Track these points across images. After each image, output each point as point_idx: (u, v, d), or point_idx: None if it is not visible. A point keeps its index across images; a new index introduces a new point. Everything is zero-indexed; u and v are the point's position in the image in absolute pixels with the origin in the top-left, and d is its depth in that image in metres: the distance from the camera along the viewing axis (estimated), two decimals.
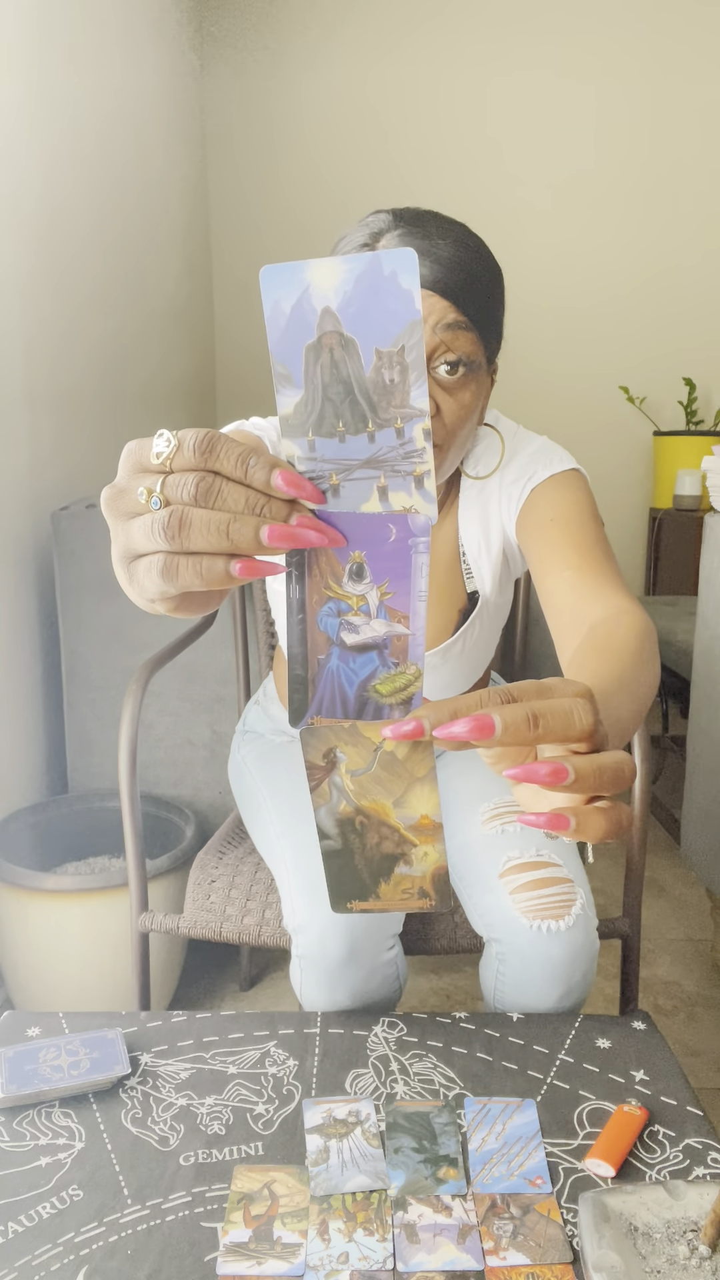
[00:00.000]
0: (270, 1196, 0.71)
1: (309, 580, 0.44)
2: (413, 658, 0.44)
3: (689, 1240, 0.64)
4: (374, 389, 0.42)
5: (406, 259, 0.40)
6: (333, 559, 0.44)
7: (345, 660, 0.45)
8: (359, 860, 0.48)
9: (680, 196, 3.30)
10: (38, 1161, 0.75)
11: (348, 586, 0.44)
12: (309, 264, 0.40)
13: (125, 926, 1.45)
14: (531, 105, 3.25)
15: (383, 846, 0.48)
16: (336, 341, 0.41)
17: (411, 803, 0.47)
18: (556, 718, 0.40)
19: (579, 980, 0.93)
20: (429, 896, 0.49)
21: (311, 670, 0.45)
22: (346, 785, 0.47)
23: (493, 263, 0.90)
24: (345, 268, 0.40)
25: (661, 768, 2.69)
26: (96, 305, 2.07)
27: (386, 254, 0.40)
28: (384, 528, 0.43)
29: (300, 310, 0.41)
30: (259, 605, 1.48)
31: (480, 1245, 0.67)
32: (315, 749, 0.46)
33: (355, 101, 3.25)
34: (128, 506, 0.44)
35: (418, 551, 0.43)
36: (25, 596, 1.68)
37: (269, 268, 0.41)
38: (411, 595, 0.44)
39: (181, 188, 2.89)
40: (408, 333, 0.41)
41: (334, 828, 0.48)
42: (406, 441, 0.42)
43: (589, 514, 0.92)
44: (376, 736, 0.45)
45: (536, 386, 3.36)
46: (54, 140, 1.81)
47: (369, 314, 0.41)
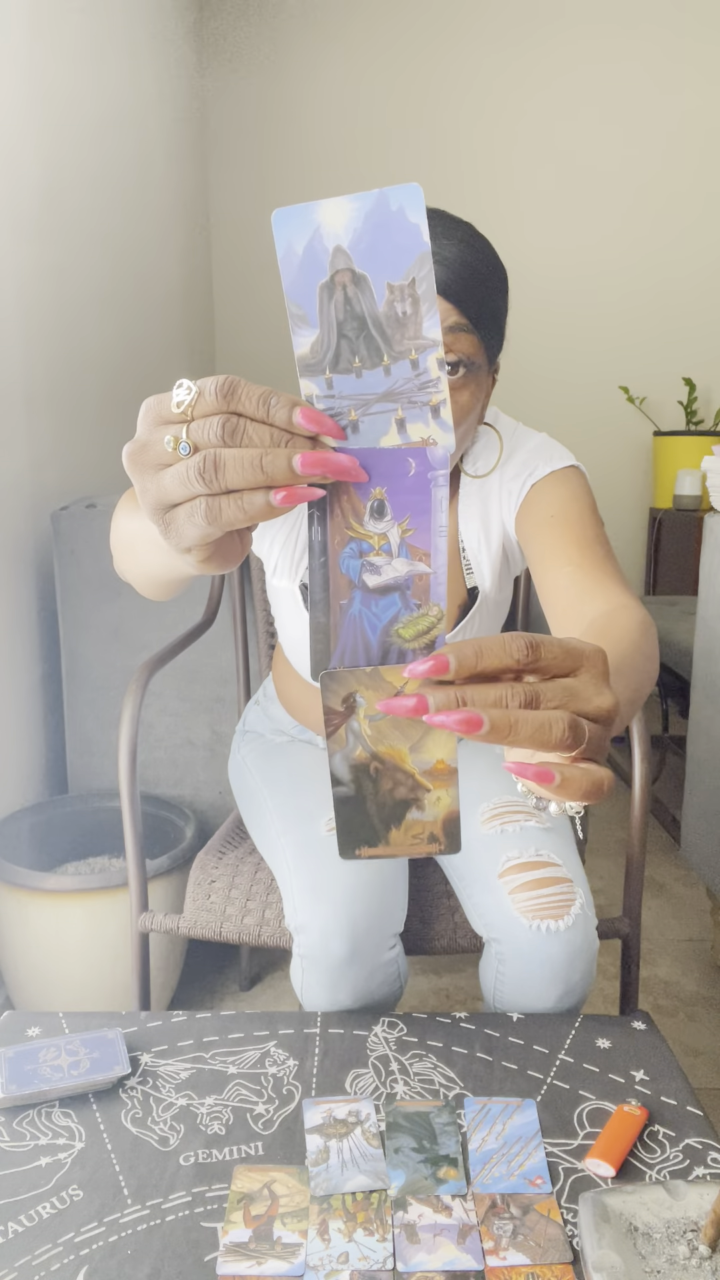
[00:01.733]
0: (270, 1196, 0.71)
1: (331, 521, 0.45)
2: (434, 597, 0.45)
3: (689, 1240, 0.64)
4: (387, 322, 0.43)
5: (413, 194, 0.41)
6: (354, 497, 0.44)
7: (368, 604, 0.45)
8: (371, 806, 0.48)
9: (680, 197, 3.30)
10: (38, 1161, 0.75)
11: (369, 525, 0.45)
12: (319, 204, 0.41)
13: (125, 926, 1.45)
14: (531, 106, 3.25)
15: (396, 793, 0.48)
16: (349, 278, 0.42)
17: (428, 748, 0.46)
18: (537, 728, 0.42)
19: (578, 980, 0.93)
20: (439, 841, 0.48)
21: (334, 617, 0.45)
22: (364, 731, 0.46)
23: (497, 263, 0.90)
24: (354, 206, 0.41)
25: (661, 768, 2.69)
26: (96, 305, 2.07)
27: (393, 190, 0.41)
28: (403, 462, 0.44)
29: (312, 250, 0.42)
30: (259, 605, 1.48)
31: (480, 1245, 0.67)
32: (335, 694, 0.46)
33: (355, 101, 3.25)
34: (154, 458, 0.44)
35: (437, 485, 0.44)
36: (25, 596, 1.68)
37: (281, 210, 0.41)
38: (432, 531, 0.44)
39: (181, 188, 2.89)
40: (417, 265, 0.42)
41: (348, 774, 0.47)
42: (421, 372, 0.43)
43: (589, 510, 0.93)
44: (398, 680, 0.45)
45: (536, 386, 3.36)
46: (54, 140, 1.81)
47: (379, 249, 0.42)
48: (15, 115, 1.64)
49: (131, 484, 0.68)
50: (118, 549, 0.70)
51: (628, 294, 3.36)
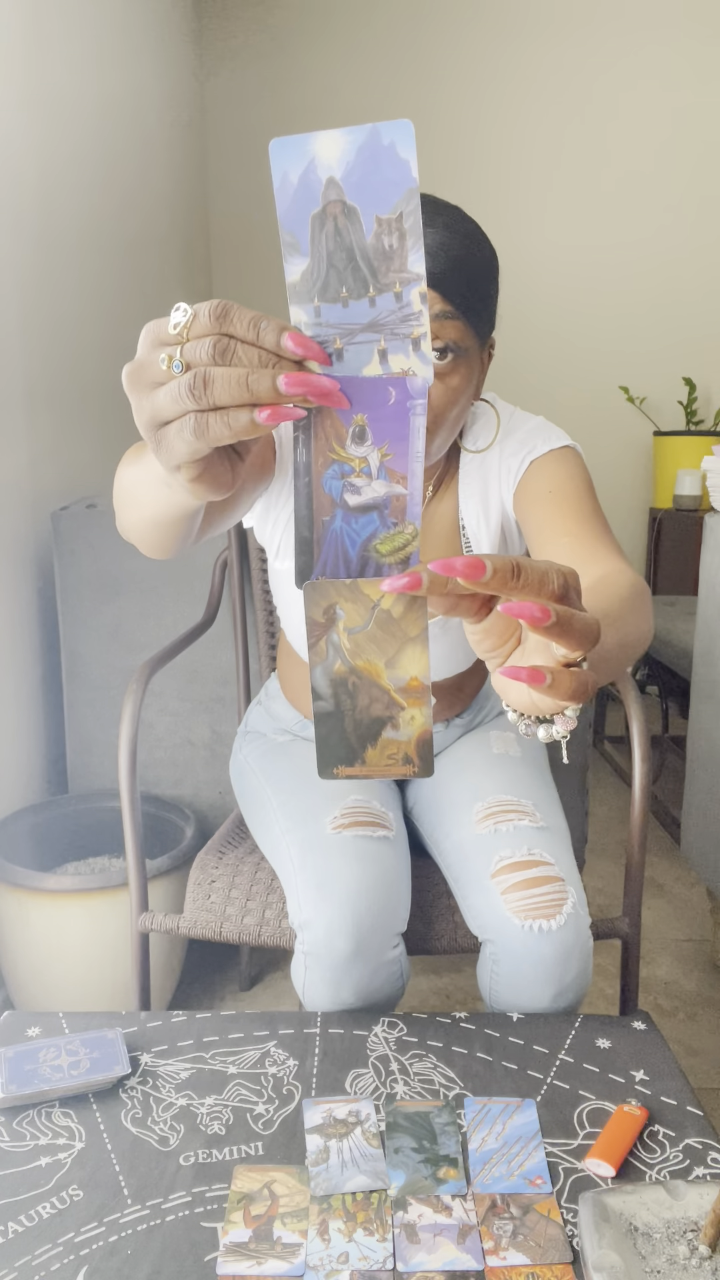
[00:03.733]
0: (270, 1196, 0.71)
1: (314, 444, 0.47)
2: (410, 517, 0.47)
3: (689, 1240, 0.64)
4: (374, 255, 0.44)
5: (403, 130, 0.42)
6: (337, 422, 0.47)
7: (348, 521, 0.48)
8: (349, 723, 0.51)
9: (681, 196, 3.30)
10: (38, 1161, 0.75)
11: (350, 449, 0.47)
12: (315, 136, 0.43)
13: (125, 926, 1.45)
14: (533, 106, 3.25)
15: (372, 709, 0.50)
16: (340, 210, 0.44)
17: (403, 663, 0.49)
18: (535, 573, 0.45)
19: (572, 980, 0.93)
20: (413, 763, 0.51)
21: (317, 532, 0.48)
22: (343, 643, 0.49)
23: (484, 246, 0.89)
24: (348, 139, 0.43)
25: (661, 768, 2.69)
26: (96, 305, 2.07)
27: (385, 125, 0.42)
28: (384, 390, 0.46)
29: (306, 180, 0.43)
30: (259, 605, 1.48)
31: (480, 1245, 0.67)
32: (317, 604, 0.48)
33: (355, 101, 3.25)
34: (150, 377, 0.47)
35: (415, 414, 0.46)
36: (25, 596, 1.68)
37: (278, 140, 0.43)
38: (409, 456, 0.46)
39: (181, 187, 2.89)
40: (405, 200, 0.43)
41: (328, 687, 0.50)
42: (404, 305, 0.45)
43: (585, 487, 0.94)
44: (375, 594, 0.48)
45: (536, 386, 3.36)
46: (54, 140, 1.81)
47: (369, 183, 0.43)
48: (15, 115, 1.64)
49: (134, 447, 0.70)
50: (120, 502, 0.71)
51: (628, 294, 3.36)
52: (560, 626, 0.45)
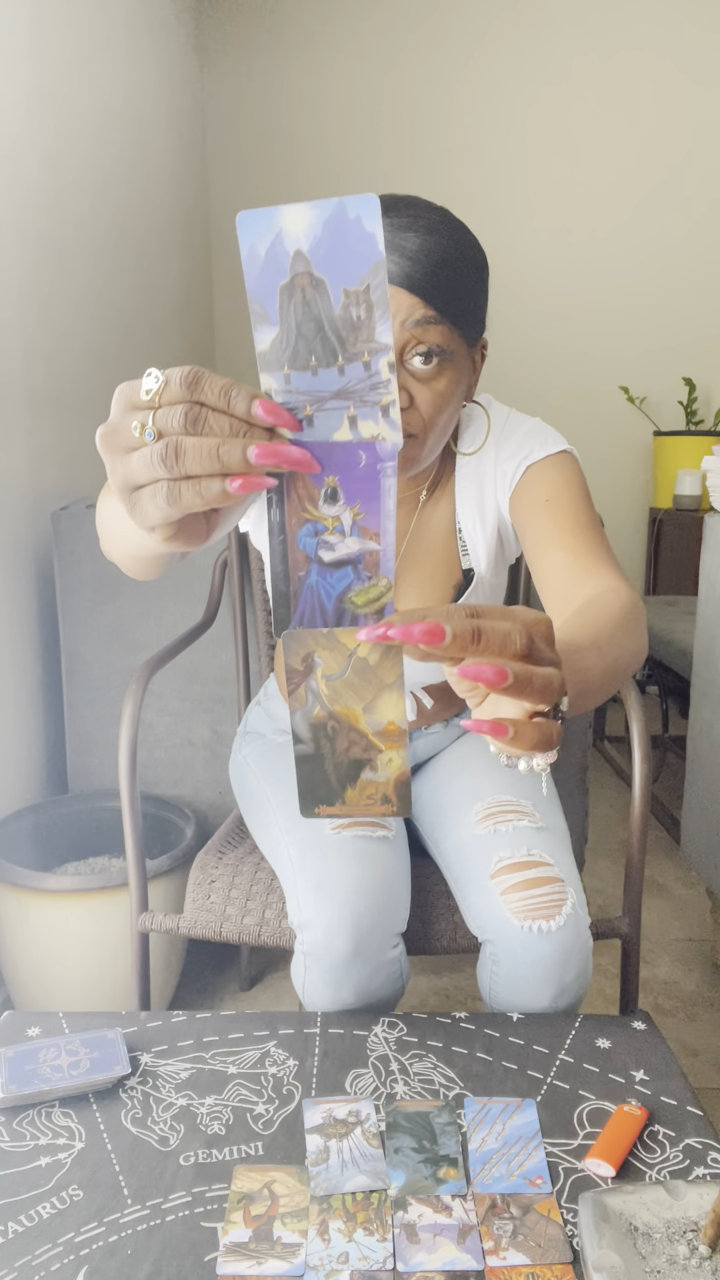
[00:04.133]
0: (270, 1196, 0.71)
1: (288, 504, 0.48)
2: (384, 570, 0.49)
3: (689, 1240, 0.64)
4: (343, 325, 0.45)
5: (369, 204, 0.43)
6: (309, 484, 0.48)
7: (323, 575, 0.49)
8: (329, 765, 0.52)
9: (681, 196, 3.30)
10: (38, 1161, 0.75)
11: (323, 509, 0.48)
12: (281, 209, 0.44)
13: (125, 926, 1.45)
14: (532, 106, 3.25)
15: (351, 752, 0.52)
16: (308, 282, 0.44)
17: (380, 709, 0.50)
18: (497, 635, 0.45)
19: (572, 980, 0.93)
20: (391, 802, 0.52)
21: (293, 586, 0.49)
22: (321, 690, 0.50)
23: (469, 247, 0.88)
24: (314, 213, 0.43)
25: (661, 768, 2.69)
26: (96, 304, 2.07)
27: (351, 199, 0.43)
28: (355, 454, 0.47)
29: (274, 253, 0.44)
30: (259, 605, 1.48)
31: (480, 1245, 0.67)
32: (295, 653, 0.50)
33: (355, 100, 3.25)
34: (123, 442, 0.47)
35: (385, 475, 0.47)
36: (25, 596, 1.68)
37: (245, 213, 0.44)
38: (381, 514, 0.48)
39: (181, 187, 2.89)
40: (372, 273, 0.44)
41: (307, 732, 0.51)
42: (373, 374, 0.46)
43: (582, 495, 0.94)
44: (351, 642, 0.49)
45: (537, 386, 3.36)
46: (54, 140, 1.81)
47: (336, 255, 0.44)
48: (15, 115, 1.64)
49: None
50: (102, 530, 0.72)
51: (628, 294, 3.36)
52: (518, 687, 0.45)
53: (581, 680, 0.57)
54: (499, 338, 1.08)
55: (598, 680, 0.60)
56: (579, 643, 0.61)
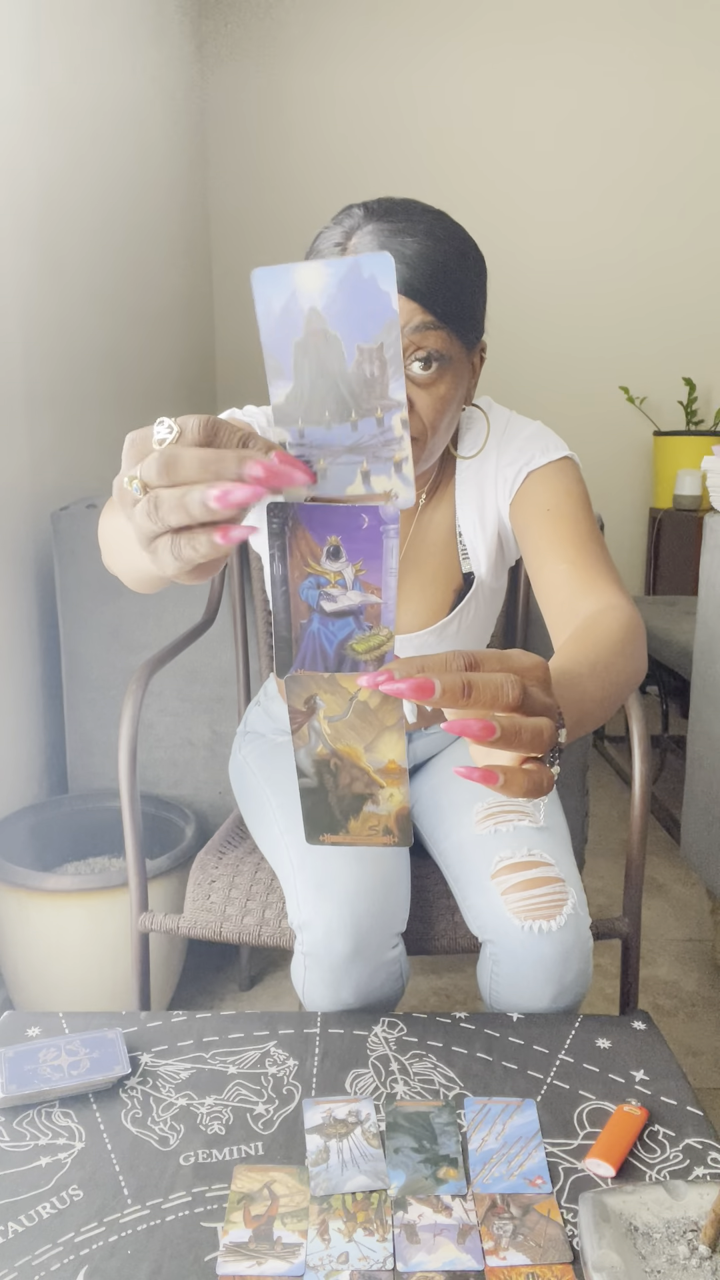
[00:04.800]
0: (270, 1196, 0.71)
1: (290, 560, 0.49)
2: (385, 622, 0.49)
3: (689, 1240, 0.64)
4: (356, 382, 0.46)
5: (384, 263, 0.43)
6: (311, 542, 0.48)
7: (325, 624, 0.50)
8: (332, 798, 0.53)
9: (681, 197, 3.30)
10: (38, 1161, 0.75)
11: (325, 564, 0.49)
12: (296, 267, 0.44)
13: (125, 926, 1.45)
14: (533, 106, 3.25)
15: (353, 787, 0.53)
16: (322, 339, 0.45)
17: (380, 749, 0.51)
18: (488, 689, 0.45)
19: (573, 980, 0.93)
20: (392, 834, 0.54)
21: (295, 632, 0.50)
22: (324, 730, 0.52)
23: (467, 251, 0.88)
24: (329, 271, 0.44)
25: (661, 768, 2.69)
26: (96, 305, 2.07)
27: (366, 258, 0.43)
28: (357, 517, 0.47)
29: (289, 310, 0.45)
30: (259, 605, 1.48)
31: (480, 1245, 0.67)
32: (298, 695, 0.51)
33: (356, 101, 3.25)
34: (123, 496, 0.47)
35: (388, 536, 0.48)
36: (25, 596, 1.68)
37: (260, 270, 0.44)
38: (383, 571, 0.48)
39: (181, 187, 2.89)
40: (386, 331, 0.45)
41: (311, 767, 0.53)
42: (386, 430, 0.46)
43: (583, 504, 0.94)
44: (352, 687, 0.50)
45: (536, 387, 3.36)
46: (54, 140, 1.81)
47: (351, 314, 0.44)
48: (15, 115, 1.64)
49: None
50: (105, 546, 0.72)
51: (628, 294, 3.36)
52: (506, 740, 0.46)
53: (580, 709, 0.58)
54: (499, 338, 1.08)
55: (597, 707, 0.61)
56: (578, 671, 0.61)
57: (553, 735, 0.48)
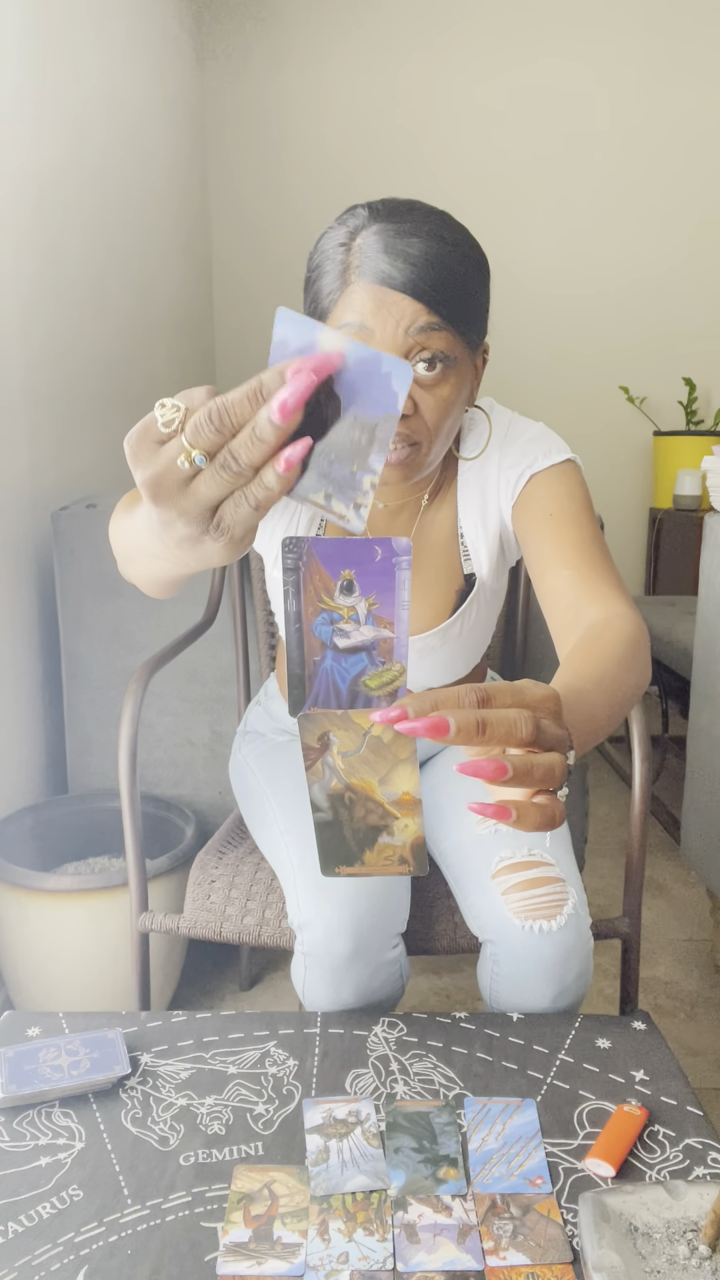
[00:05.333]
0: (270, 1196, 0.71)
1: (304, 596, 0.50)
2: (397, 656, 0.50)
3: (689, 1240, 0.64)
4: (343, 440, 0.48)
5: (403, 371, 0.46)
6: (325, 577, 0.50)
7: (338, 660, 0.51)
8: (347, 831, 0.54)
9: (681, 197, 3.30)
10: (38, 1161, 0.75)
11: (339, 599, 0.50)
12: (323, 328, 0.46)
13: (125, 926, 1.45)
14: (533, 106, 3.25)
15: (369, 819, 0.54)
16: (325, 392, 0.47)
17: (395, 781, 0.52)
18: (501, 725, 0.46)
19: (573, 980, 0.93)
20: (408, 863, 0.55)
21: (308, 669, 0.51)
22: (338, 765, 0.53)
23: (471, 253, 0.88)
24: (352, 348, 0.46)
25: (661, 768, 2.69)
26: (96, 306, 2.07)
27: (389, 359, 0.46)
28: (370, 550, 0.49)
29: (303, 354, 0.47)
30: (259, 605, 1.48)
31: (480, 1245, 0.67)
32: (311, 732, 0.52)
33: (355, 101, 3.25)
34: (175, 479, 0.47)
35: (400, 569, 0.49)
36: (25, 596, 1.68)
37: (287, 311, 0.46)
38: (395, 605, 0.50)
39: (181, 188, 2.89)
40: (384, 420, 0.47)
41: (325, 801, 0.54)
42: (356, 482, 0.49)
43: (585, 509, 0.94)
44: (365, 722, 0.51)
45: (537, 387, 3.36)
46: (54, 140, 1.81)
47: (358, 390, 0.47)
48: (16, 116, 1.64)
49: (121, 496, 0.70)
50: (120, 555, 0.71)
51: (628, 294, 3.36)
52: (518, 779, 0.46)
53: (589, 726, 0.58)
54: (500, 339, 1.08)
55: (604, 722, 0.61)
56: (584, 687, 0.62)
57: (564, 771, 0.48)
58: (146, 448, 0.47)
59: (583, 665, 0.67)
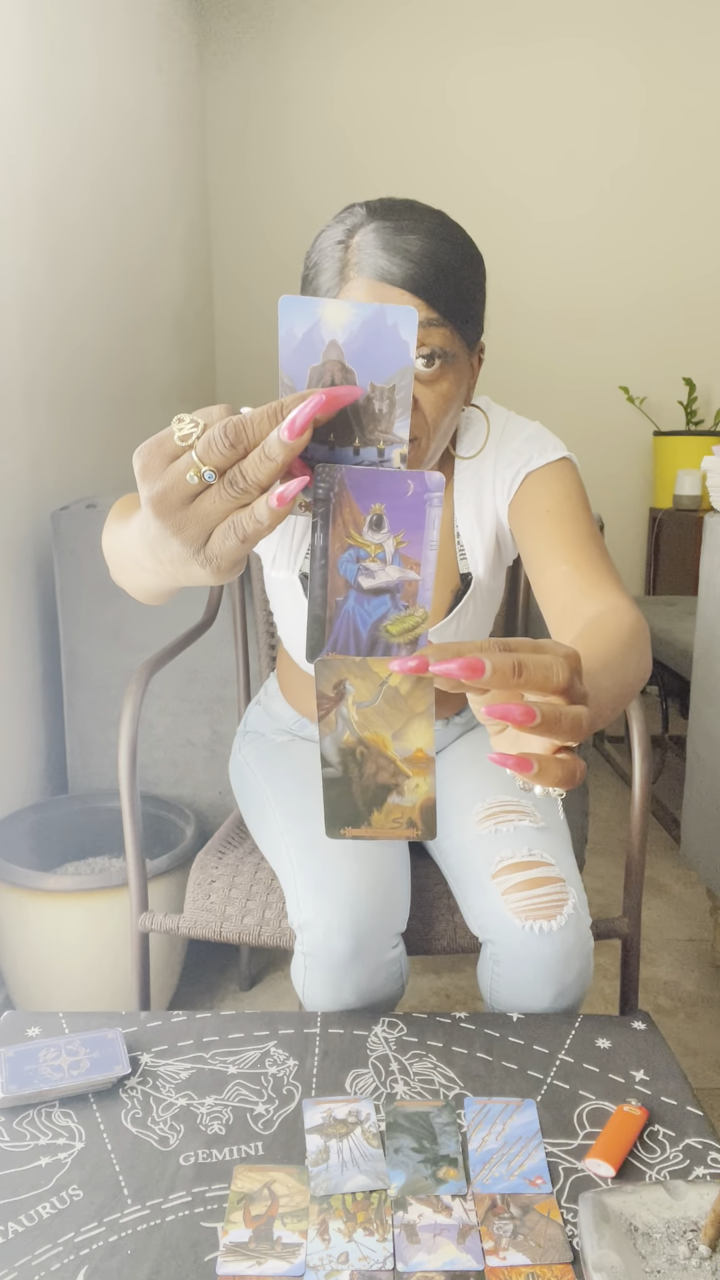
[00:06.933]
0: (270, 1196, 0.71)
1: (332, 529, 0.49)
2: (421, 600, 0.50)
3: (689, 1240, 0.64)
4: (364, 414, 0.48)
5: (407, 315, 0.46)
6: (355, 509, 0.49)
7: (360, 602, 0.50)
8: (356, 789, 0.53)
9: (681, 197, 3.30)
10: (38, 1161, 0.75)
11: (367, 535, 0.49)
12: (323, 301, 0.47)
13: (125, 926, 1.45)
14: (533, 106, 3.25)
15: (379, 777, 0.53)
16: (338, 370, 0.47)
17: (409, 736, 0.51)
18: (538, 670, 0.45)
19: (573, 980, 0.93)
20: (416, 826, 0.54)
21: (330, 610, 0.50)
22: (352, 716, 0.51)
23: (469, 250, 0.88)
24: (354, 312, 0.46)
25: (661, 768, 2.69)
26: (96, 305, 2.07)
27: (391, 308, 0.46)
28: (403, 483, 0.48)
29: (310, 338, 0.47)
30: (259, 605, 1.48)
31: (480, 1245, 0.67)
32: (327, 680, 0.51)
33: (355, 100, 3.25)
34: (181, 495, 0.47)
35: (432, 505, 0.49)
36: (25, 596, 1.68)
37: (288, 298, 0.46)
38: (424, 544, 0.49)
39: (181, 188, 2.89)
40: (400, 375, 0.47)
41: (336, 756, 0.52)
42: (385, 460, 0.49)
43: (581, 506, 0.94)
44: (383, 671, 0.50)
45: (537, 387, 3.36)
46: (55, 140, 1.81)
47: (369, 353, 0.47)
48: (16, 115, 1.64)
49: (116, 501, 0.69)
50: (111, 562, 0.71)
51: (628, 294, 3.36)
52: (546, 726, 0.45)
53: (596, 705, 0.57)
54: (500, 339, 1.08)
55: (609, 705, 0.61)
56: (591, 667, 0.61)
57: (590, 724, 0.47)
58: (157, 461, 0.47)
59: (587, 649, 0.67)
